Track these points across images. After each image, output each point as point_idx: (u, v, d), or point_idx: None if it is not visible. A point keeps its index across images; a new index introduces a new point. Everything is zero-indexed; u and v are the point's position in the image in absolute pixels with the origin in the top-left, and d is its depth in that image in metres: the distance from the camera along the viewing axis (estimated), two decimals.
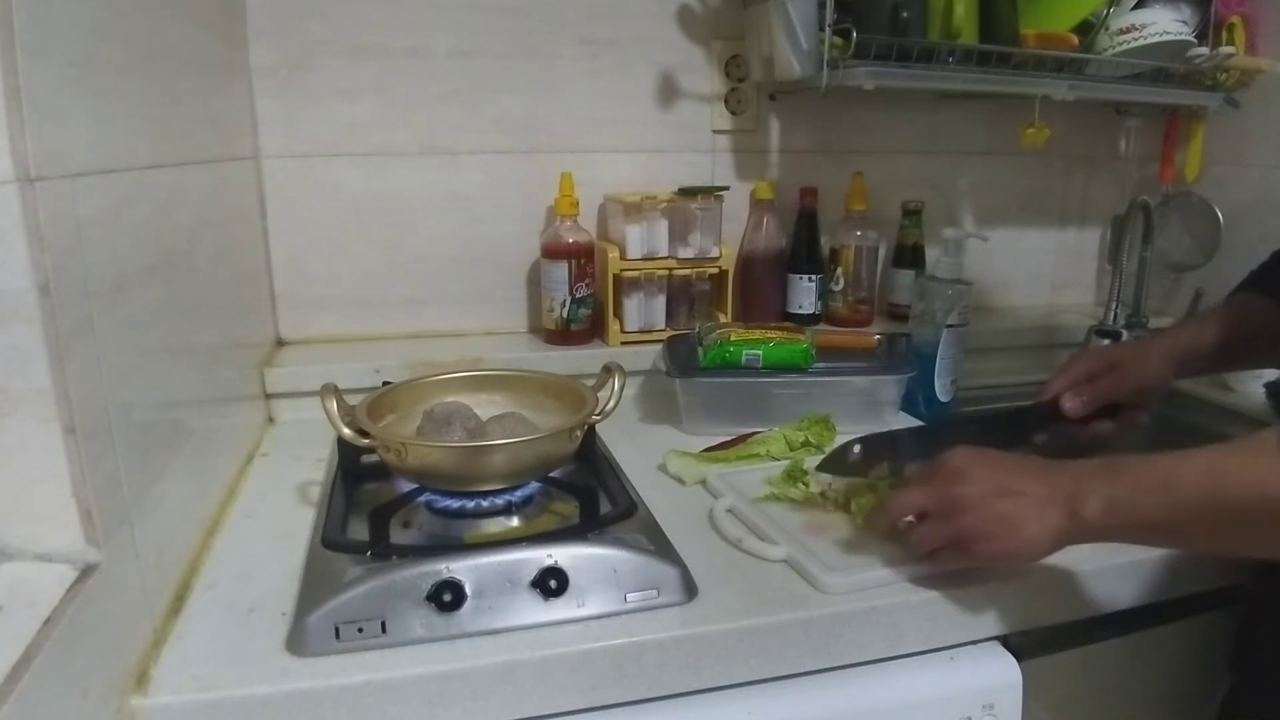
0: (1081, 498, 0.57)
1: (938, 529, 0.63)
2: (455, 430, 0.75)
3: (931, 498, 0.63)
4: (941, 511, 0.62)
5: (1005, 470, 0.61)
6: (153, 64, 0.67)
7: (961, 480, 0.61)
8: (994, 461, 0.62)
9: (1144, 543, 0.65)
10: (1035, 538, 0.59)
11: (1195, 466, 0.54)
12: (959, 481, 0.61)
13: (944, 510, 0.62)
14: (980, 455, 0.63)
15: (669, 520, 0.73)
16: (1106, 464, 0.58)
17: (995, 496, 0.60)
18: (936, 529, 0.63)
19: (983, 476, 0.61)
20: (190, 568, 0.67)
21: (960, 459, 0.63)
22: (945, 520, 0.62)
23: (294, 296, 1.11)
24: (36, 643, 0.42)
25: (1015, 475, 0.60)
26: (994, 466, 0.62)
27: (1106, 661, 0.75)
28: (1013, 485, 0.60)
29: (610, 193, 1.16)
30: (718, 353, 0.95)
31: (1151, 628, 0.76)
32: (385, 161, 1.10)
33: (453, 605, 0.59)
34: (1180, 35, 1.11)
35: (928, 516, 0.64)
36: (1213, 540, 0.57)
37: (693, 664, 0.61)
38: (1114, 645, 0.75)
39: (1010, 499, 0.59)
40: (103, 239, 0.53)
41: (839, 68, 1.00)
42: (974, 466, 0.62)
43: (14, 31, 0.43)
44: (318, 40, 1.04)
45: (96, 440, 0.50)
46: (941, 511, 0.62)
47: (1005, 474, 0.61)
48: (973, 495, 0.60)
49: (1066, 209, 1.44)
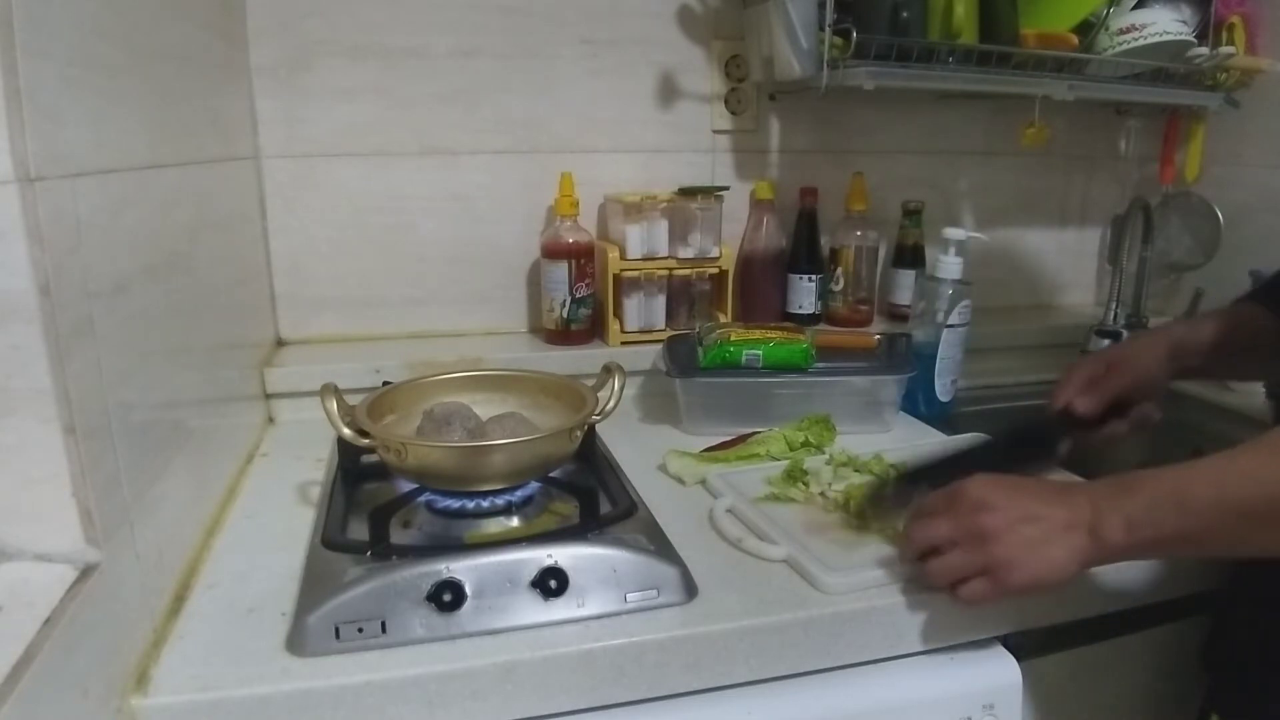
0: (1101, 519, 0.57)
1: (966, 559, 0.61)
2: (455, 430, 0.75)
3: (957, 529, 0.62)
4: (969, 542, 0.61)
5: (1027, 496, 0.61)
6: (153, 64, 0.67)
7: (986, 509, 0.61)
8: (1014, 488, 0.62)
9: (1166, 555, 0.66)
10: (1064, 562, 0.58)
11: (1207, 475, 0.54)
12: (983, 510, 0.61)
13: (971, 540, 0.61)
14: (999, 482, 0.63)
15: (669, 520, 0.73)
16: (1120, 482, 0.58)
17: (1021, 523, 0.59)
18: (965, 559, 0.61)
19: (1007, 504, 0.60)
20: (190, 568, 0.67)
21: (980, 488, 0.62)
22: (974, 550, 0.61)
23: (294, 296, 1.11)
24: (36, 643, 0.42)
25: (1037, 501, 0.60)
26: (1015, 493, 0.61)
27: (1106, 661, 0.75)
28: (1036, 511, 0.60)
29: (610, 193, 1.16)
30: (718, 353, 0.95)
31: (1151, 628, 0.76)
32: (385, 161, 1.10)
33: (453, 605, 0.59)
34: (1180, 35, 1.10)
35: (953, 547, 0.62)
36: (1233, 544, 0.57)
37: (693, 664, 0.61)
38: (1113, 645, 0.75)
39: (1036, 525, 0.59)
40: (103, 239, 0.53)
41: (839, 68, 1.00)
42: (996, 494, 0.61)
43: (14, 31, 0.43)
44: (318, 40, 1.04)
45: (96, 440, 0.50)
46: (969, 542, 0.61)
47: (1028, 500, 0.60)
48: (999, 524, 0.60)
49: (1066, 209, 1.44)
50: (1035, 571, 0.59)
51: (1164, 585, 0.73)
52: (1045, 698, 0.72)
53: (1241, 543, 0.56)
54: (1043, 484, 0.63)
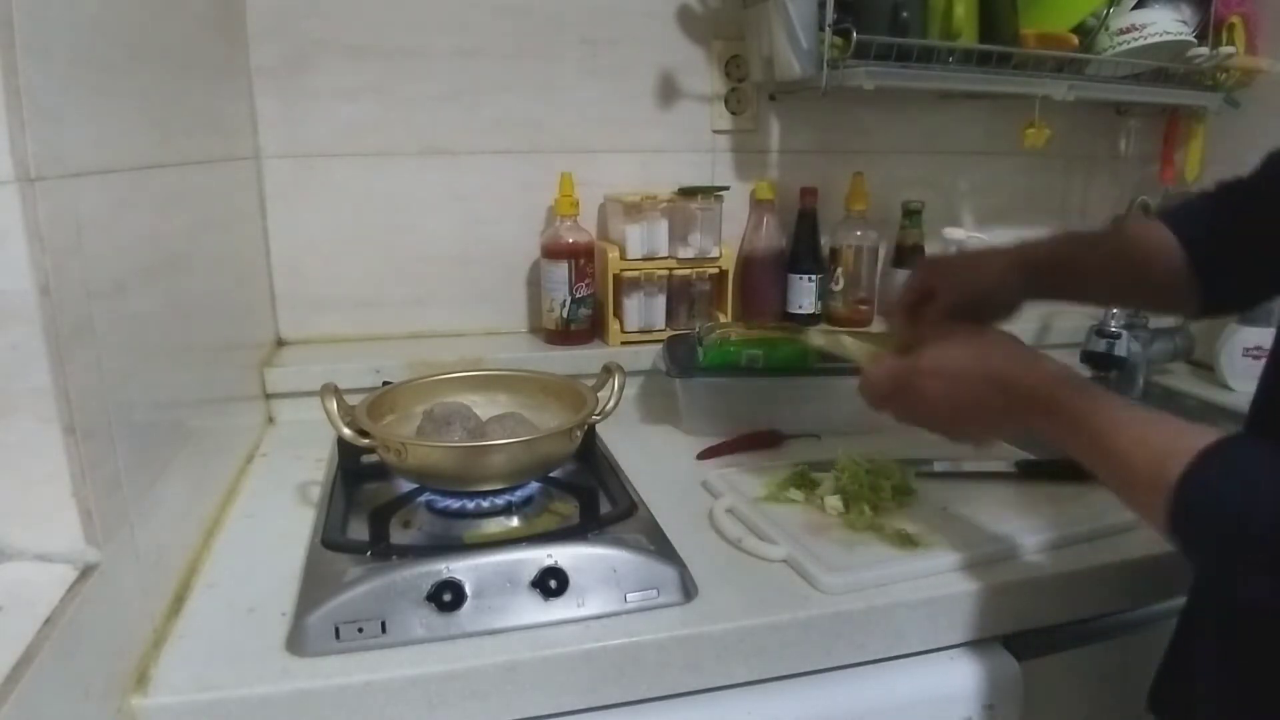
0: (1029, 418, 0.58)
1: (891, 403, 0.65)
2: (455, 430, 0.75)
3: (897, 381, 0.64)
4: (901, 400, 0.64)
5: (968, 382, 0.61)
6: (153, 64, 0.67)
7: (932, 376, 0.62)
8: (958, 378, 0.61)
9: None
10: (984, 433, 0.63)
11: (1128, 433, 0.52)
12: (929, 377, 0.62)
13: (903, 399, 0.64)
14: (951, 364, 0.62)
15: (669, 520, 0.73)
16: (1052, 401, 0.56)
17: (952, 408, 0.61)
18: (890, 403, 0.65)
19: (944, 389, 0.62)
20: (190, 568, 0.67)
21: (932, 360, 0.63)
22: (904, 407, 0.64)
23: (294, 296, 1.11)
24: (36, 643, 0.42)
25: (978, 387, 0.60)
26: (956, 381, 0.61)
27: (1107, 661, 0.75)
28: (973, 399, 0.60)
29: (610, 193, 1.16)
30: (718, 353, 0.95)
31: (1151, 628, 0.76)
32: (385, 161, 1.10)
33: (453, 605, 0.59)
34: (1180, 35, 1.10)
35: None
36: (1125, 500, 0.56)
37: (693, 664, 0.61)
38: (1113, 645, 0.75)
39: (967, 410, 0.61)
40: (103, 239, 0.53)
41: (839, 68, 1.00)
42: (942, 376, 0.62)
43: (14, 31, 0.43)
44: (318, 40, 1.04)
45: (96, 440, 0.50)
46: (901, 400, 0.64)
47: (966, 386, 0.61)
48: (934, 394, 0.62)
49: (1066, 209, 1.44)
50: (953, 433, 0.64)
51: (1164, 587, 0.73)
52: (1045, 698, 0.72)
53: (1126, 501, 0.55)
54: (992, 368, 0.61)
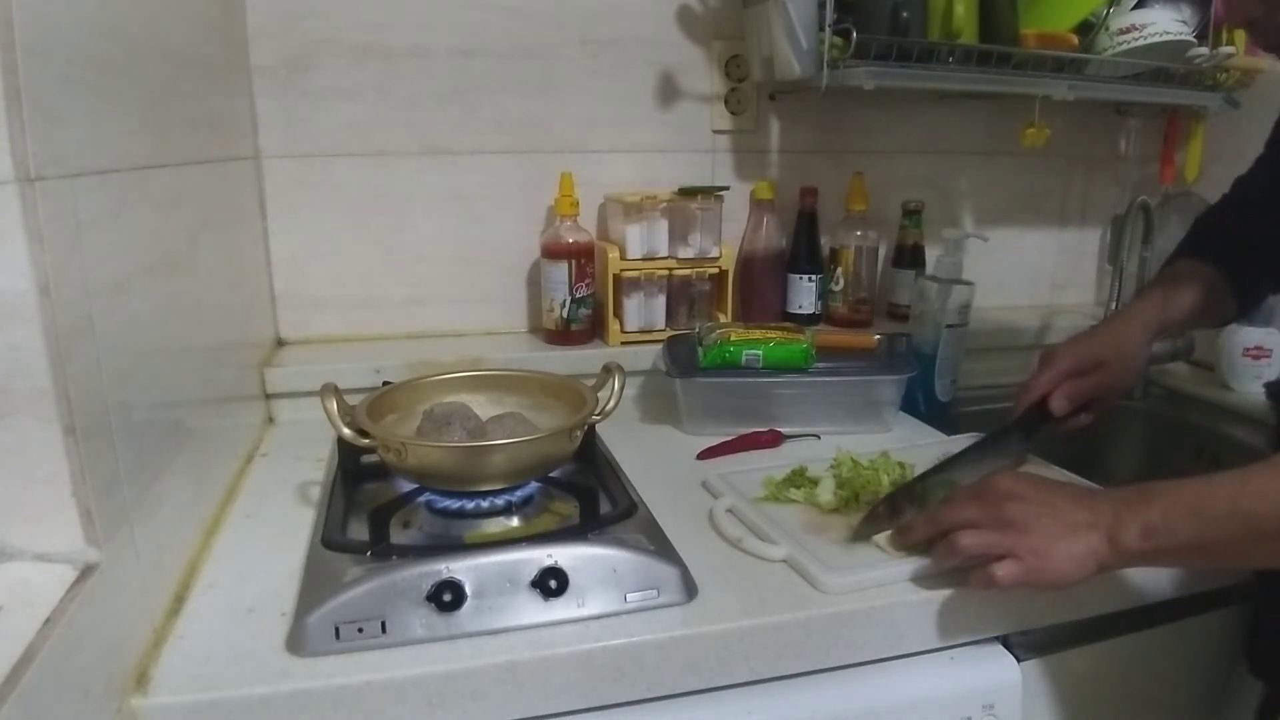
0: (1120, 523, 0.58)
1: (995, 538, 0.62)
2: (455, 430, 0.75)
3: (984, 513, 0.64)
4: (996, 525, 0.62)
5: (1051, 493, 0.63)
6: (153, 64, 0.67)
7: (1014, 499, 0.63)
8: (1040, 486, 0.64)
9: (1179, 564, 0.68)
10: (1082, 558, 0.59)
11: (1226, 488, 0.55)
12: (1012, 499, 0.63)
13: (998, 525, 0.62)
14: (1027, 479, 0.66)
15: (669, 520, 0.73)
16: (1140, 490, 0.59)
17: (1046, 515, 0.61)
18: (994, 537, 0.62)
19: (1034, 496, 0.63)
20: (190, 568, 0.67)
21: (1008, 480, 0.65)
22: (1002, 533, 0.62)
23: (294, 296, 1.11)
24: (36, 643, 0.42)
25: (1060, 498, 0.62)
26: (1041, 489, 0.64)
27: (1106, 661, 0.75)
28: (1060, 507, 0.61)
29: (610, 193, 1.16)
30: (718, 353, 0.95)
31: (1151, 628, 0.76)
32: (385, 161, 1.10)
33: (453, 605, 0.59)
34: (1180, 35, 1.10)
35: (977, 529, 0.63)
36: (1244, 557, 0.59)
37: (692, 664, 0.61)
38: (1114, 645, 0.75)
39: (1059, 519, 0.61)
40: (103, 239, 0.53)
41: (839, 68, 1.00)
42: (1023, 487, 0.64)
43: (14, 31, 0.43)
44: (318, 40, 1.04)
45: (96, 440, 0.50)
46: (996, 525, 0.62)
47: (1052, 496, 0.63)
48: (1027, 513, 0.62)
49: (1066, 209, 1.44)
50: (1058, 563, 0.60)
51: (1164, 586, 0.73)
52: (1045, 698, 0.72)
53: (1251, 556, 0.58)
54: (1066, 485, 0.65)
